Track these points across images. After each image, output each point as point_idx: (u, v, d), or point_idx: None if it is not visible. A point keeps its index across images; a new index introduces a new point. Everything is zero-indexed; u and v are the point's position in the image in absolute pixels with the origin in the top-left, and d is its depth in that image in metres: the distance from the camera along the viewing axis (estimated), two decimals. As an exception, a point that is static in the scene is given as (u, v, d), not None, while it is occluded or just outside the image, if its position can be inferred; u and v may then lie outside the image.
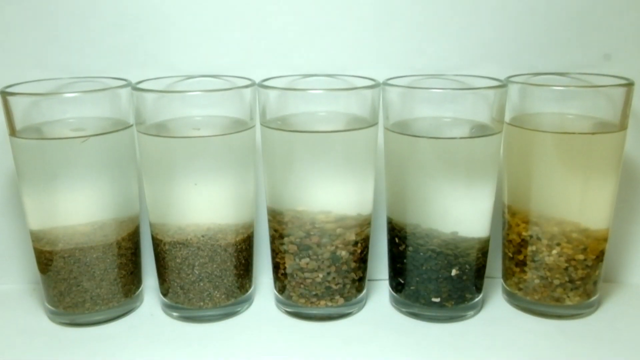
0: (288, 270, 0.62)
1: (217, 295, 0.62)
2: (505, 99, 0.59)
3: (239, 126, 0.60)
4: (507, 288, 0.66)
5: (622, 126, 0.59)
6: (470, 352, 0.57)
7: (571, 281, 0.62)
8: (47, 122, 0.60)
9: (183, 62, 0.66)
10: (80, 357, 0.57)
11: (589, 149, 0.58)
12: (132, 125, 0.61)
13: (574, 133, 0.59)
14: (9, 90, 0.58)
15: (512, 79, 0.62)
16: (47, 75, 0.64)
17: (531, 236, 0.62)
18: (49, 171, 0.58)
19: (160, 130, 0.59)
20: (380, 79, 0.61)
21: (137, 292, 0.65)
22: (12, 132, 0.58)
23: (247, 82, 0.60)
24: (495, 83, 0.59)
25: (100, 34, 0.65)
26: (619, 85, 0.59)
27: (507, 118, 0.61)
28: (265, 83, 0.60)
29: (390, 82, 0.60)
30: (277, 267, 0.63)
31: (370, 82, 0.59)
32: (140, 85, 0.60)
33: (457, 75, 0.64)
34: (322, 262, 0.60)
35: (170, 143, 0.59)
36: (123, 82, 0.61)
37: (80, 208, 0.59)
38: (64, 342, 0.59)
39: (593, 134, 0.59)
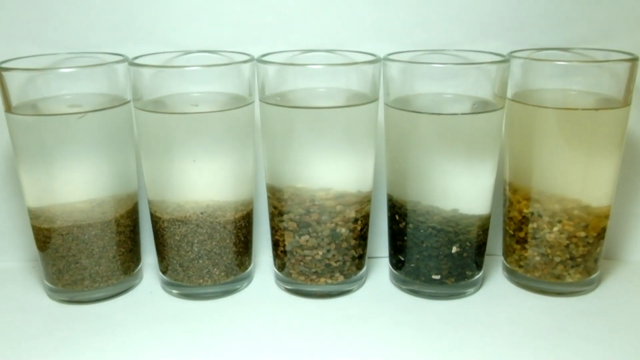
0: (287, 248, 0.61)
1: (217, 273, 0.62)
2: (507, 74, 0.58)
3: (238, 102, 0.59)
4: (508, 265, 0.66)
5: (626, 102, 0.59)
6: (470, 329, 0.57)
7: (572, 258, 0.61)
8: (43, 98, 0.59)
9: (181, 37, 0.65)
10: (80, 334, 0.57)
11: (591, 125, 0.58)
12: (129, 102, 0.60)
13: (576, 109, 0.58)
14: (5, 65, 0.57)
15: (515, 54, 0.61)
16: (43, 50, 0.63)
17: (532, 213, 0.61)
18: (46, 148, 0.57)
19: (158, 106, 0.59)
20: (381, 54, 0.60)
21: (136, 270, 0.65)
22: (8, 108, 0.58)
23: (246, 58, 0.59)
24: (498, 58, 0.58)
25: (97, 9, 0.64)
26: (623, 61, 0.58)
27: (509, 94, 0.61)
28: (264, 58, 0.59)
29: (390, 57, 0.59)
30: (276, 245, 0.63)
31: (371, 57, 0.59)
32: (138, 61, 0.59)
33: (458, 50, 0.64)
34: (322, 239, 0.60)
35: (168, 119, 0.58)
36: (120, 58, 0.60)
37: (77, 185, 0.59)
38: (64, 319, 0.59)
39: (596, 110, 0.58)
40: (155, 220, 0.62)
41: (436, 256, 0.60)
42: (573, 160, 0.59)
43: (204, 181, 0.59)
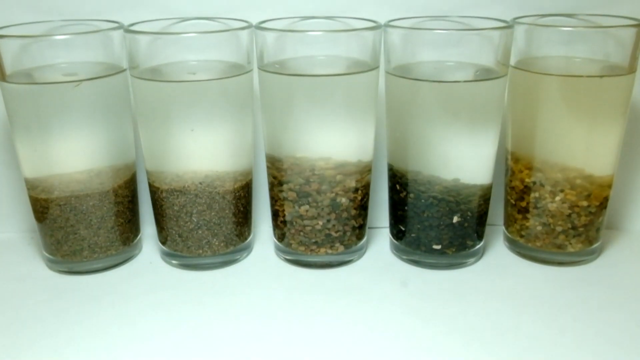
0: (287, 218, 0.61)
1: (216, 243, 0.62)
2: (511, 41, 0.57)
3: (236, 70, 0.58)
4: (509, 235, 0.65)
5: (631, 69, 0.58)
6: (471, 299, 0.57)
7: (574, 228, 0.61)
8: (38, 67, 0.58)
9: (177, 4, 0.64)
10: (79, 305, 0.57)
11: (596, 93, 0.57)
12: (125, 70, 0.59)
13: (581, 76, 0.57)
14: (-2, 33, 0.56)
15: (519, 20, 0.60)
16: (36, 18, 0.62)
17: (534, 182, 0.61)
18: (42, 117, 0.56)
19: (155, 74, 0.58)
20: (382, 20, 0.59)
21: (135, 240, 0.65)
22: (2, 77, 0.57)
23: (244, 24, 0.58)
24: (501, 24, 0.57)
25: (91, -25, 0.63)
26: (629, 26, 0.57)
27: (512, 61, 0.60)
28: (263, 25, 0.58)
29: (392, 23, 0.58)
30: (276, 215, 0.62)
31: (371, 24, 0.57)
32: (134, 28, 0.58)
33: (461, 16, 0.62)
34: (322, 209, 0.59)
35: (165, 88, 0.57)
36: (115, 25, 0.59)
37: (74, 155, 0.58)
38: (63, 290, 0.59)
39: (601, 77, 0.57)
40: (154, 191, 0.61)
41: (437, 226, 0.60)
42: (576, 129, 0.58)
43: (202, 151, 0.58)
